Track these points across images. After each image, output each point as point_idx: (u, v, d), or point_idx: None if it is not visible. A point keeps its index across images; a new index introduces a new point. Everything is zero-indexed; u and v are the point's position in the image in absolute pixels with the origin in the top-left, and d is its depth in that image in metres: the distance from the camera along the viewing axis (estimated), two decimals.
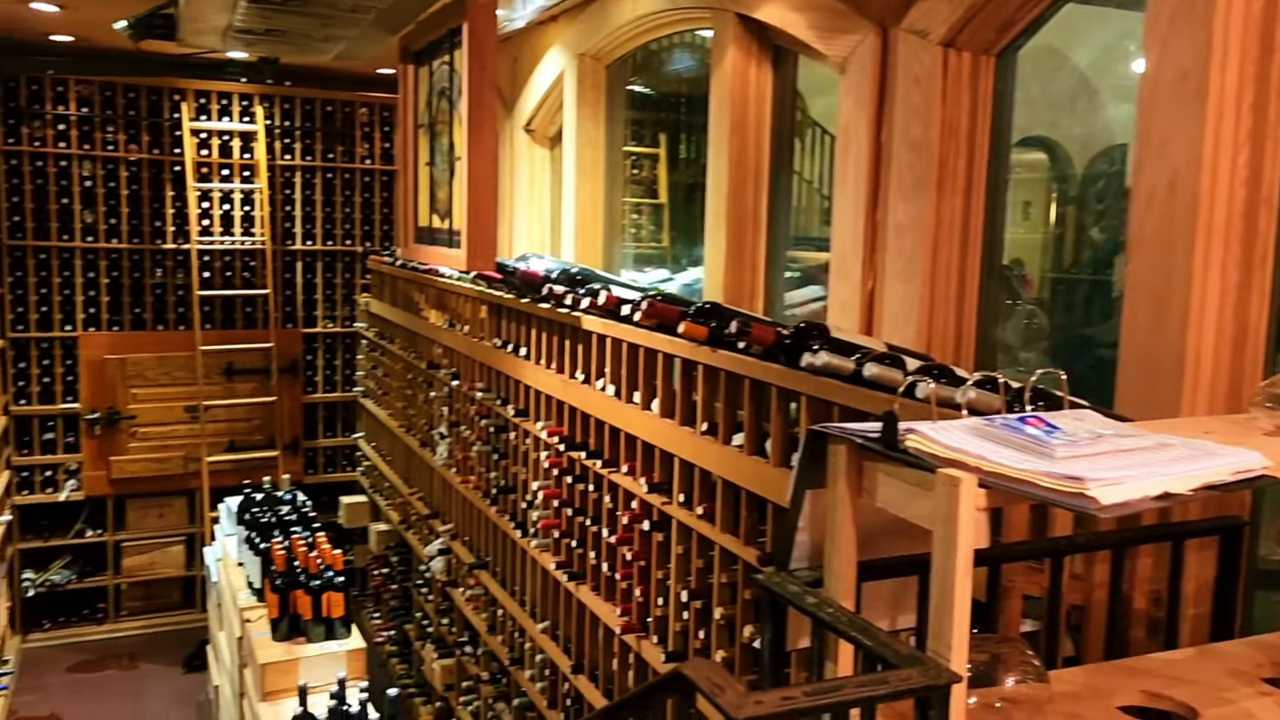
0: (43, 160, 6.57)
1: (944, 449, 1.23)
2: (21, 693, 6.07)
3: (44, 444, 6.76)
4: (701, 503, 2.84)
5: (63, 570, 6.89)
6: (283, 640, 4.16)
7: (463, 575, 4.97)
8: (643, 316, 3.03)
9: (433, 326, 5.51)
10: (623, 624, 3.22)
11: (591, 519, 3.53)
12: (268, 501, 5.17)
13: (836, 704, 1.08)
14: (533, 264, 4.07)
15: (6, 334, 6.55)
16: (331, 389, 7.59)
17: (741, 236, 3.68)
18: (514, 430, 4.29)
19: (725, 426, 2.75)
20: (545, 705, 3.90)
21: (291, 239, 7.32)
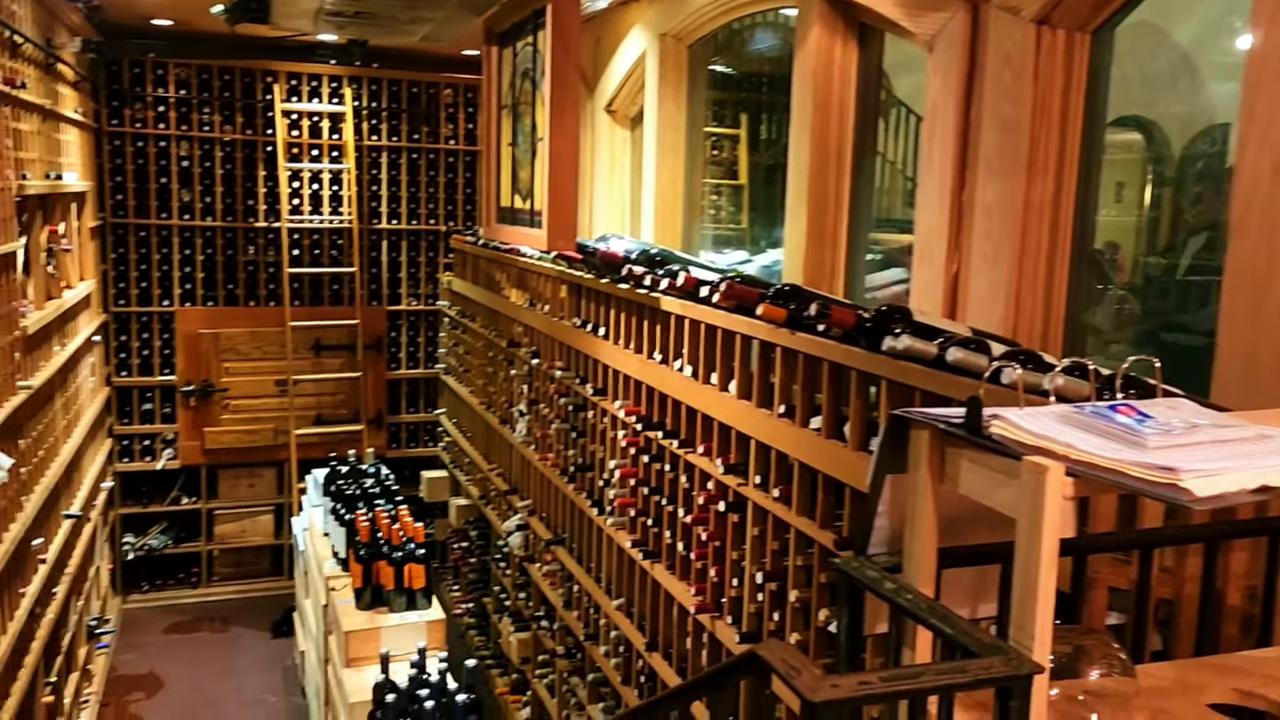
0: (143, 141, 6.81)
1: (1030, 436, 1.20)
2: (122, 651, 6.36)
3: (143, 414, 7.04)
4: (778, 485, 2.83)
5: (160, 535, 7.18)
6: (366, 609, 4.28)
7: (540, 551, 5.04)
8: (721, 298, 3.02)
9: (514, 305, 5.57)
10: (697, 604, 3.24)
11: (667, 498, 3.55)
12: (352, 474, 5.31)
13: (914, 690, 1.07)
14: (612, 244, 4.08)
15: (109, 308, 6.82)
16: (415, 366, 7.74)
17: (823, 217, 3.64)
18: (592, 409, 4.32)
19: (803, 409, 2.73)
20: (619, 681, 3.94)
21: (378, 218, 7.47)
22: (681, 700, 1.72)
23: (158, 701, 5.79)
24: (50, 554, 4.45)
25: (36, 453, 4.36)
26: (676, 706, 1.72)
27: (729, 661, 1.35)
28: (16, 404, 3.87)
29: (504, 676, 5.73)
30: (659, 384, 3.62)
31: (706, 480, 3.26)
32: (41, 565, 4.29)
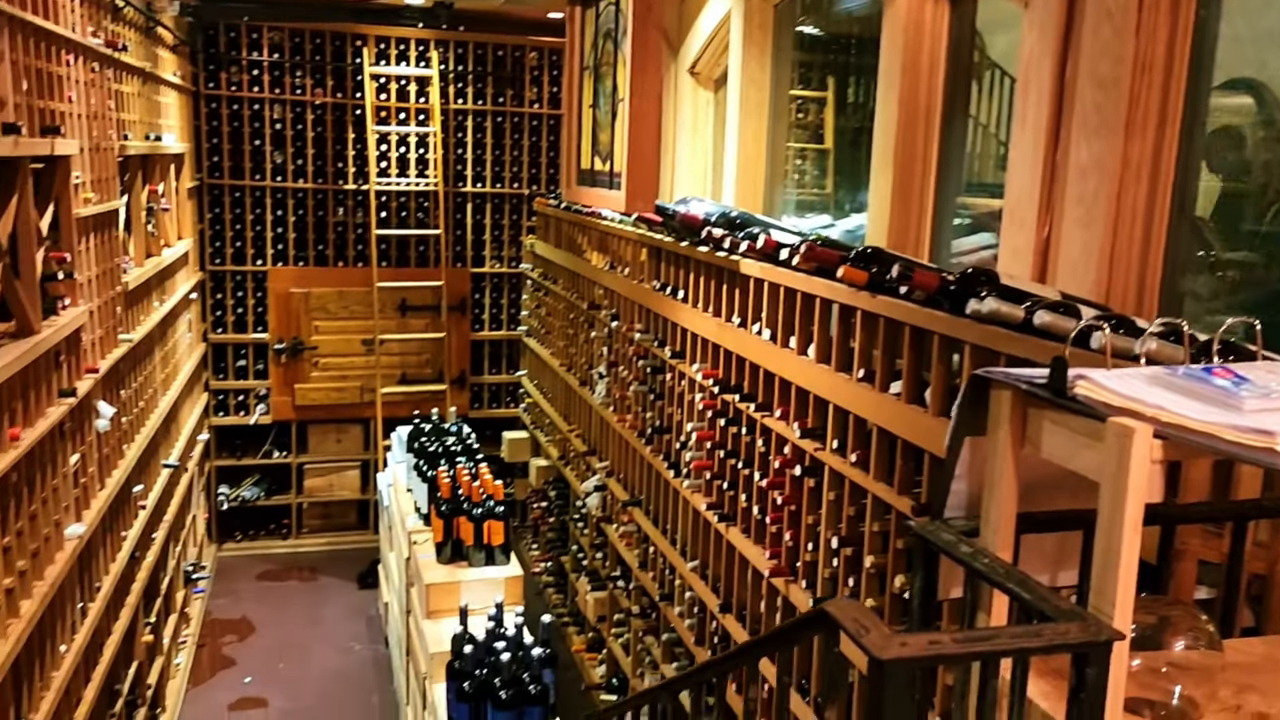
0: (238, 104, 6.99)
1: (1117, 397, 1.16)
2: (216, 596, 6.63)
3: (237, 370, 7.29)
4: (855, 450, 2.80)
5: (252, 487, 7.44)
6: (446, 563, 4.38)
7: (617, 512, 5.08)
8: (801, 260, 2.98)
9: (594, 268, 5.59)
10: (771, 567, 3.23)
11: (743, 462, 3.54)
12: (435, 432, 5.41)
13: (988, 653, 1.05)
14: (692, 207, 4.06)
15: (206, 267, 7.06)
16: (497, 327, 7.84)
17: (909, 180, 3.56)
18: (670, 372, 4.33)
19: (883, 374, 2.69)
20: (693, 642, 3.97)
21: (462, 181, 7.55)
22: (750, 656, 1.72)
23: (249, 645, 6.03)
24: (150, 501, 4.65)
25: (137, 403, 4.55)
26: (746, 662, 1.72)
27: (799, 618, 1.34)
28: (118, 356, 4.04)
29: (581, 634, 5.82)
30: (737, 347, 3.60)
31: (783, 444, 3.24)
32: (141, 511, 4.49)
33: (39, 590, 2.91)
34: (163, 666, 4.91)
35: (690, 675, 2.25)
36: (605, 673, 5.37)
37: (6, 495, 2.69)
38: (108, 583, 3.79)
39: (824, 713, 1.25)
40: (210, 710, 5.30)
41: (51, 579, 3.01)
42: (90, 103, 3.74)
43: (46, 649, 3.02)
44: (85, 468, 3.54)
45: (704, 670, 2.30)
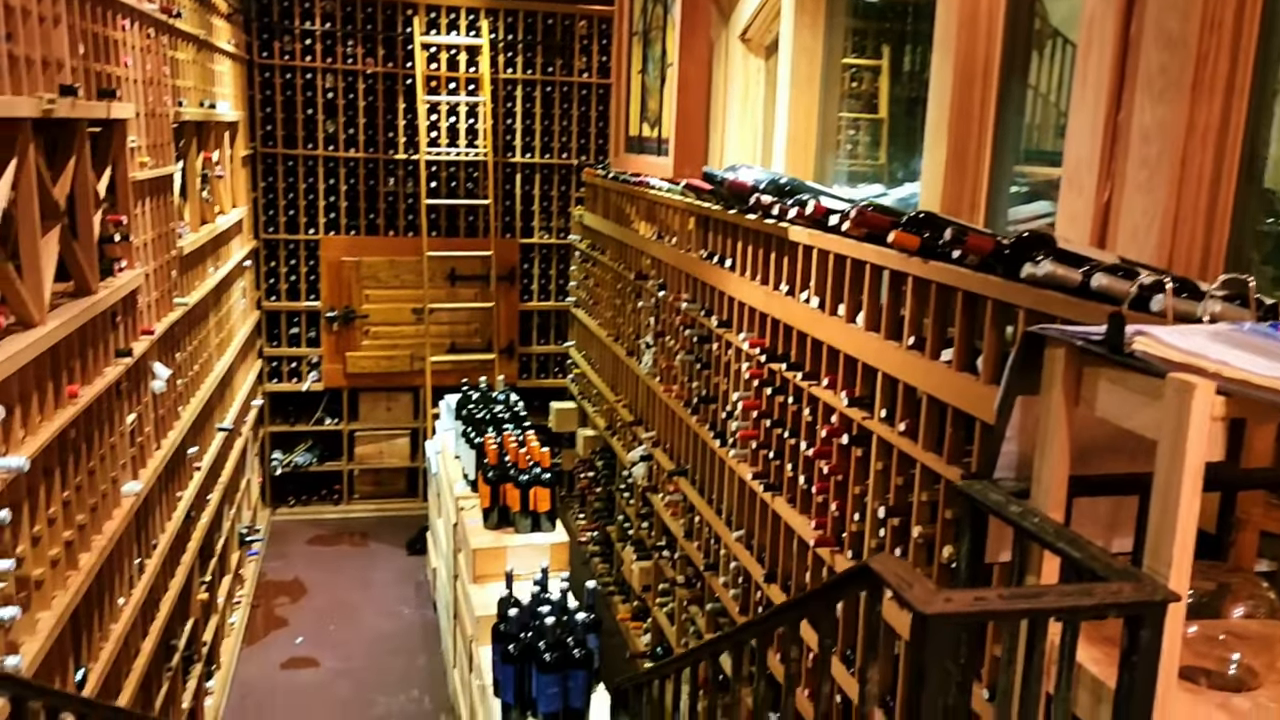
0: (291, 73, 7.04)
1: (1178, 353, 1.12)
2: (270, 559, 6.77)
3: (290, 337, 7.39)
4: (904, 419, 2.76)
5: (305, 453, 7.57)
6: (493, 529, 4.42)
7: (663, 481, 5.08)
8: (851, 226, 2.93)
9: (642, 238, 5.57)
10: (817, 537, 3.21)
11: (789, 431, 3.51)
12: (483, 400, 5.45)
13: (1035, 611, 1.02)
14: (741, 174, 4.01)
15: (259, 235, 7.15)
16: (546, 298, 7.86)
17: (964, 146, 3.48)
18: (716, 341, 4.30)
19: (934, 341, 2.64)
20: (737, 611, 3.96)
21: (511, 151, 7.55)
22: (792, 614, 1.71)
23: (301, 606, 6.15)
24: (205, 462, 4.75)
25: (192, 367, 4.63)
26: (786, 622, 1.71)
27: (841, 575, 1.32)
28: (173, 319, 4.11)
29: (626, 603, 5.85)
30: (784, 316, 3.56)
31: (830, 413, 3.21)
32: (197, 472, 4.58)
33: (97, 544, 2.98)
34: (218, 625, 5.03)
35: (730, 635, 2.24)
36: (650, 641, 5.39)
37: (65, 450, 2.76)
38: (164, 540, 3.88)
39: (866, 675, 1.23)
40: (264, 668, 5.42)
41: (109, 534, 3.08)
42: (146, 68, 3.79)
43: (105, 601, 3.10)
44: (142, 427, 3.62)
45: (743, 631, 2.28)
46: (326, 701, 5.12)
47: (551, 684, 3.30)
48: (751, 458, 3.88)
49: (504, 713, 3.42)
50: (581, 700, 3.36)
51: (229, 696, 5.12)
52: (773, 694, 3.40)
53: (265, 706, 5.06)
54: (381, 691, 5.23)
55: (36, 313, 2.55)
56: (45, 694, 1.96)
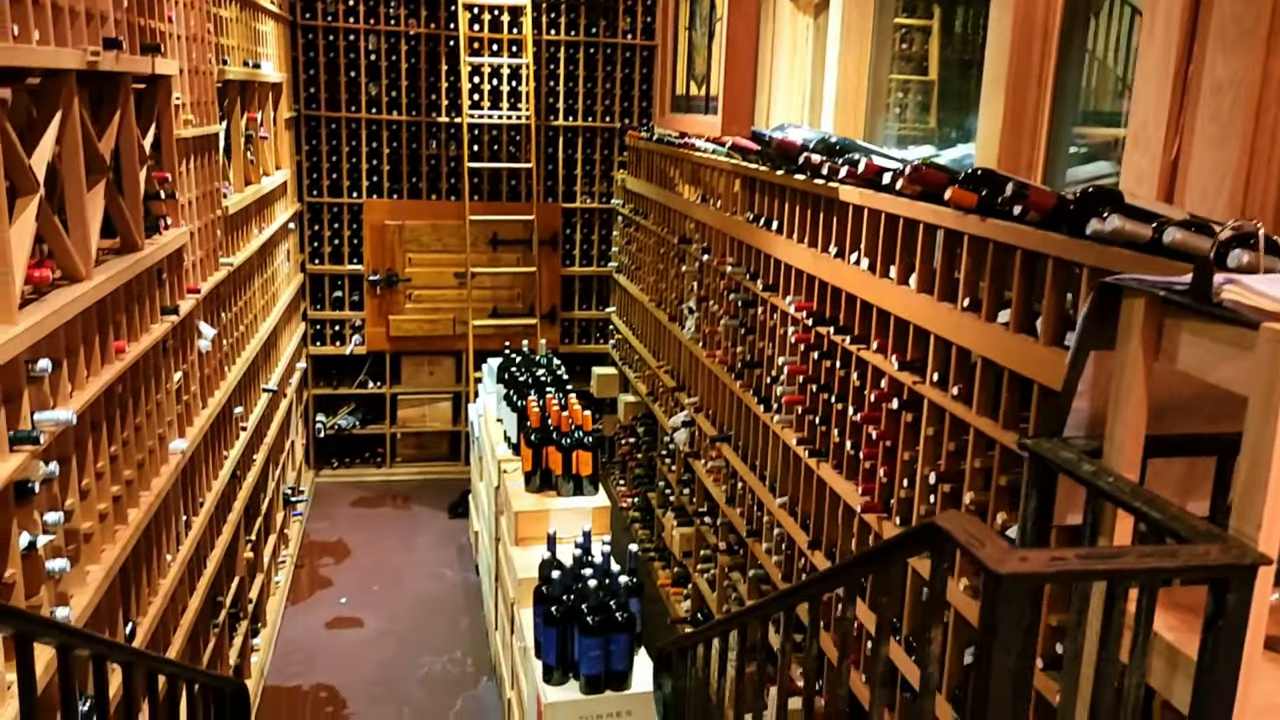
0: (334, 34, 7.01)
1: (1271, 302, 1.05)
2: (314, 520, 6.84)
3: (333, 301, 7.42)
4: (957, 383, 2.69)
5: (348, 416, 7.62)
6: (535, 492, 4.41)
7: (705, 447, 5.04)
8: (906, 184, 2.85)
9: (686, 201, 5.49)
10: (864, 503, 3.15)
11: (837, 396, 3.44)
12: (525, 363, 5.43)
13: (1115, 572, 0.96)
14: (789, 133, 3.92)
15: (303, 198, 7.16)
16: (587, 263, 7.81)
17: (1022, 104, 3.36)
18: (761, 305, 4.23)
19: (990, 302, 2.56)
20: (780, 578, 3.93)
21: (554, 114, 7.48)
22: (850, 574, 1.65)
23: (345, 567, 6.21)
24: (250, 423, 4.78)
25: (238, 327, 4.65)
26: (845, 582, 1.66)
27: (905, 532, 1.26)
28: (219, 279, 4.12)
29: (666, 569, 5.84)
30: (832, 278, 3.49)
31: (879, 377, 3.14)
32: (242, 432, 4.61)
33: (145, 500, 3.00)
34: (263, 583, 5.09)
35: (782, 596, 2.19)
36: (690, 608, 5.38)
37: (113, 406, 2.77)
38: (210, 499, 3.91)
39: (927, 638, 1.18)
40: (308, 627, 5.49)
41: (157, 490, 3.10)
42: (189, 24, 3.77)
43: (154, 557, 3.12)
44: (188, 386, 3.64)
45: (796, 592, 2.23)
46: (370, 661, 5.18)
47: (594, 647, 3.29)
48: (797, 423, 3.82)
49: (545, 674, 3.42)
50: (623, 663, 3.35)
51: (274, 654, 5.19)
52: (817, 661, 3.36)
53: (310, 664, 5.13)
54: (425, 652, 5.28)
55: (83, 267, 2.55)
56: (92, 641, 1.97)
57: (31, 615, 1.72)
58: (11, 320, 2.11)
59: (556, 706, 3.30)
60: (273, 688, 4.92)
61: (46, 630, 1.75)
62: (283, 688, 4.93)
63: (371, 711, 4.76)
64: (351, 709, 4.78)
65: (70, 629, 1.94)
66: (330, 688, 4.94)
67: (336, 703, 4.82)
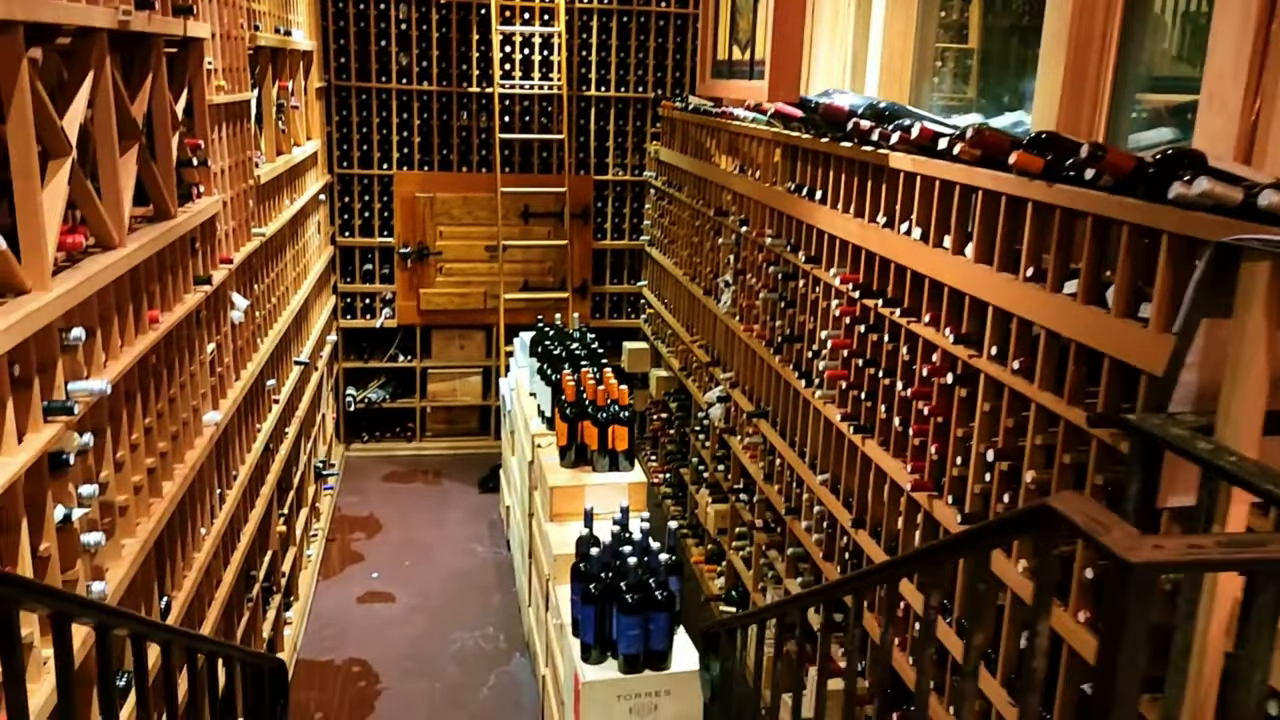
0: (364, 3, 6.91)
1: None
2: (344, 494, 6.82)
3: (363, 274, 7.36)
4: (1018, 357, 2.57)
5: (378, 390, 7.58)
6: (570, 467, 4.33)
7: (741, 423, 4.95)
8: (966, 148, 2.72)
9: (722, 172, 5.37)
10: (913, 481, 3.05)
11: (884, 371, 3.34)
12: (559, 336, 5.35)
13: (1259, 561, 0.86)
14: (836, 99, 3.80)
15: (333, 170, 7.09)
16: (619, 237, 7.70)
17: (1083, 66, 3.22)
18: (803, 277, 4.12)
19: (1055, 273, 2.44)
20: (821, 557, 3.84)
21: (586, 85, 7.35)
22: (940, 556, 1.54)
23: (376, 542, 6.18)
24: (282, 396, 4.73)
25: (270, 299, 4.60)
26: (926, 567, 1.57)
27: (1010, 515, 1.16)
28: (251, 249, 4.06)
29: (700, 546, 5.77)
30: (881, 249, 3.37)
31: (931, 351, 3.03)
32: (275, 405, 4.56)
33: (180, 472, 2.95)
34: (295, 557, 5.06)
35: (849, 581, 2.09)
36: (724, 585, 5.30)
37: (147, 376, 2.71)
38: (244, 471, 3.87)
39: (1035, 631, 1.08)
40: (340, 601, 5.46)
41: (191, 462, 3.05)
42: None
43: (188, 530, 3.08)
44: (221, 357, 3.58)
45: (866, 577, 2.13)
46: (403, 636, 5.15)
47: (633, 625, 3.22)
48: (840, 399, 3.72)
49: (583, 653, 3.35)
50: (663, 642, 3.28)
51: (307, 628, 5.17)
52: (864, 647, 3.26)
53: (343, 639, 5.10)
54: (457, 628, 5.24)
55: (116, 234, 2.49)
56: (130, 620, 1.92)
57: (69, 595, 1.66)
58: (45, 286, 2.05)
59: (595, 685, 3.24)
60: (305, 661, 4.90)
61: (85, 610, 1.69)
62: (315, 661, 4.91)
63: (404, 686, 4.73)
64: (384, 683, 4.75)
65: (108, 608, 1.89)
66: (363, 662, 4.92)
67: (369, 677, 4.80)
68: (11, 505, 1.86)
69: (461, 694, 4.69)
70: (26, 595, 1.40)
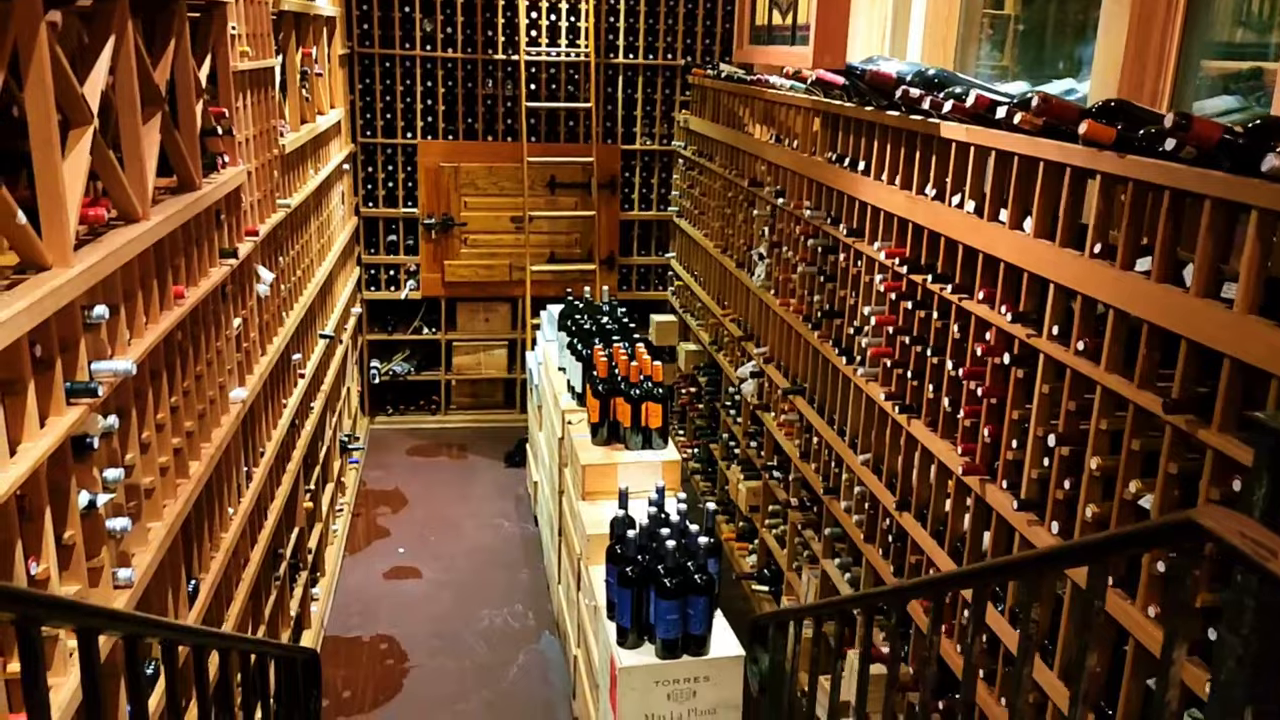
0: None
1: None
2: (370, 468, 6.76)
3: (388, 245, 7.26)
4: (1083, 337, 2.44)
5: (403, 362, 7.50)
6: (602, 445, 4.23)
7: (776, 400, 4.83)
8: (1030, 117, 2.58)
9: (757, 142, 5.22)
10: (964, 464, 2.93)
11: (932, 349, 3.21)
12: (589, 310, 5.24)
13: None
14: (882, 66, 3.65)
15: (357, 139, 6.97)
16: (647, 207, 7.56)
17: (1148, 30, 3.05)
18: (844, 251, 3.99)
19: (1126, 249, 2.31)
20: (862, 539, 3.73)
21: (614, 52, 7.19)
22: (1073, 560, 1.40)
23: (402, 517, 6.12)
24: (308, 370, 4.65)
25: (295, 272, 4.50)
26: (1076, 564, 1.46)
27: (1146, 527, 1.05)
28: (276, 221, 3.96)
29: (730, 524, 5.68)
30: (930, 222, 3.23)
31: (985, 330, 2.90)
32: (301, 380, 4.48)
33: (206, 452, 2.87)
34: (321, 532, 5.00)
35: (932, 583, 1.98)
36: (755, 563, 5.22)
37: (173, 354, 2.62)
38: (270, 449, 3.79)
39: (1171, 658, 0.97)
40: (366, 577, 5.41)
41: (218, 441, 2.97)
42: None
43: (215, 511, 3.00)
44: (247, 332, 3.49)
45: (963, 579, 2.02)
46: (429, 613, 5.09)
47: (671, 610, 3.12)
48: (884, 377, 3.60)
49: (619, 637, 3.27)
50: (702, 627, 3.19)
51: (333, 604, 5.12)
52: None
53: (370, 615, 5.05)
54: (484, 604, 5.17)
55: (140, 206, 2.39)
56: (158, 627, 1.83)
57: (94, 608, 1.57)
58: (66, 262, 1.95)
59: (632, 671, 3.15)
60: (333, 638, 4.85)
61: (112, 624, 1.60)
62: (342, 638, 4.86)
63: (433, 664, 4.68)
64: (413, 661, 4.70)
65: (136, 618, 1.80)
66: (390, 639, 4.86)
67: (397, 655, 4.74)
68: (34, 492, 1.77)
69: (490, 673, 4.63)
70: (50, 613, 1.31)
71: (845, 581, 3.93)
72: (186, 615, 2.64)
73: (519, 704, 4.43)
